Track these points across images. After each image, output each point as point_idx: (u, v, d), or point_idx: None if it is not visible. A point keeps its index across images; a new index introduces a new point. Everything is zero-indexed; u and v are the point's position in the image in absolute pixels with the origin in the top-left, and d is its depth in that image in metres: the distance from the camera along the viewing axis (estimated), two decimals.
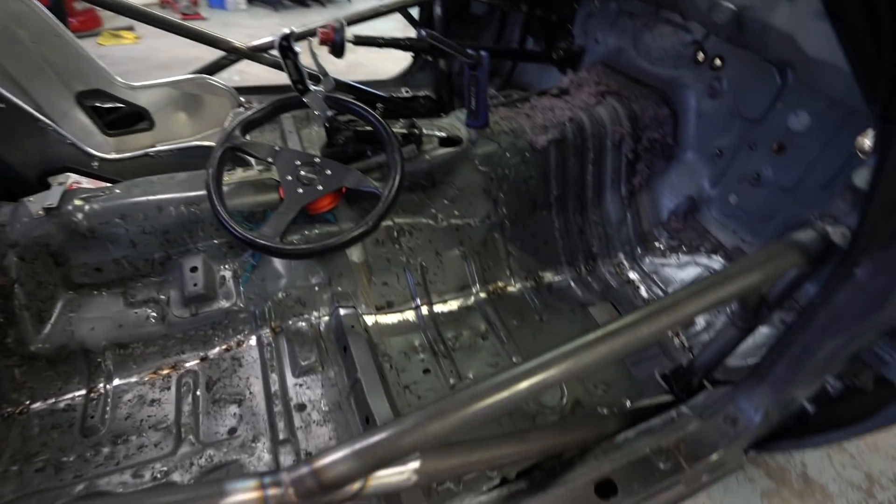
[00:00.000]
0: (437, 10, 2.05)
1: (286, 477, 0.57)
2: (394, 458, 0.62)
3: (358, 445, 0.60)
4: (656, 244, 1.63)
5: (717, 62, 1.42)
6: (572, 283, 1.60)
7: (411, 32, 2.13)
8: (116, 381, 1.16)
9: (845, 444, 1.62)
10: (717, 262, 1.48)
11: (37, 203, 1.11)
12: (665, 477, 0.96)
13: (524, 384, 0.65)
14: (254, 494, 0.55)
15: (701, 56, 1.45)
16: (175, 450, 1.06)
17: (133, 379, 1.18)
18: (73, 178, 1.26)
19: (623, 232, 1.66)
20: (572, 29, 1.89)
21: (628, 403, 1.28)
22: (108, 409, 1.11)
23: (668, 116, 1.53)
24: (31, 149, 1.33)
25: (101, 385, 1.15)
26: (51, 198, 1.12)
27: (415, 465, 0.67)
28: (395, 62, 2.53)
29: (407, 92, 2.30)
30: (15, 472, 0.97)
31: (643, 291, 1.58)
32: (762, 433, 1.05)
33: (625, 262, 1.66)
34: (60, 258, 1.15)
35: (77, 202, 1.14)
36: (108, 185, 1.25)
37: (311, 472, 0.58)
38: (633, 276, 1.63)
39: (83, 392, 1.13)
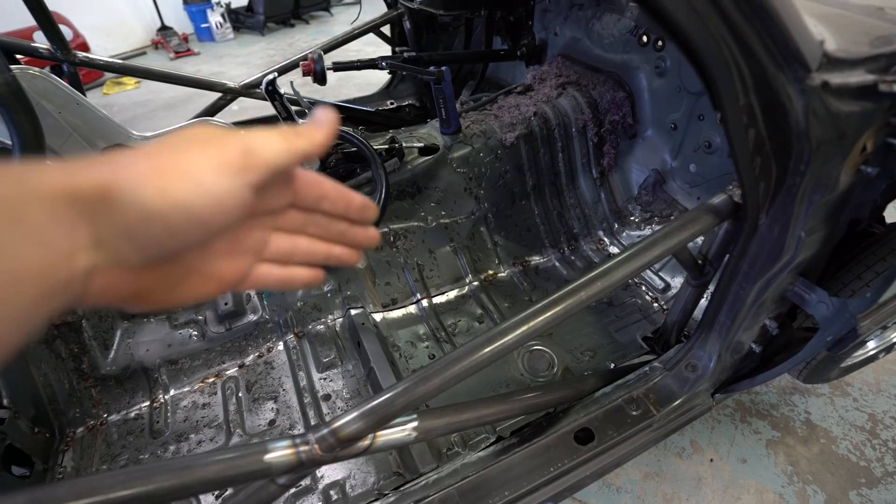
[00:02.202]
0: (407, 24, 2.21)
1: (312, 437, 0.76)
2: (392, 416, 0.79)
3: (364, 408, 0.78)
4: (631, 218, 1.78)
5: (660, 43, 1.55)
6: (557, 264, 1.76)
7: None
8: (172, 392, 1.38)
9: (847, 388, 1.70)
10: None
11: None
12: (637, 422, 1.10)
13: (488, 349, 0.82)
14: (289, 451, 0.74)
15: (645, 39, 1.59)
16: (227, 442, 1.27)
17: (186, 388, 1.39)
18: None
19: (599, 211, 1.81)
20: (532, 25, 2.04)
21: (612, 366, 1.43)
22: (169, 414, 1.33)
23: (625, 98, 1.67)
24: None
25: (161, 396, 1.37)
26: None
27: (413, 423, 0.86)
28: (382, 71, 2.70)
29: (392, 103, 2.47)
30: (105, 469, 1.19)
31: None
32: (722, 376, 1.19)
33: (604, 238, 1.81)
34: None
35: None
36: None
37: (331, 431, 0.76)
38: (613, 249, 1.78)
39: (147, 403, 1.35)
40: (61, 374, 1.29)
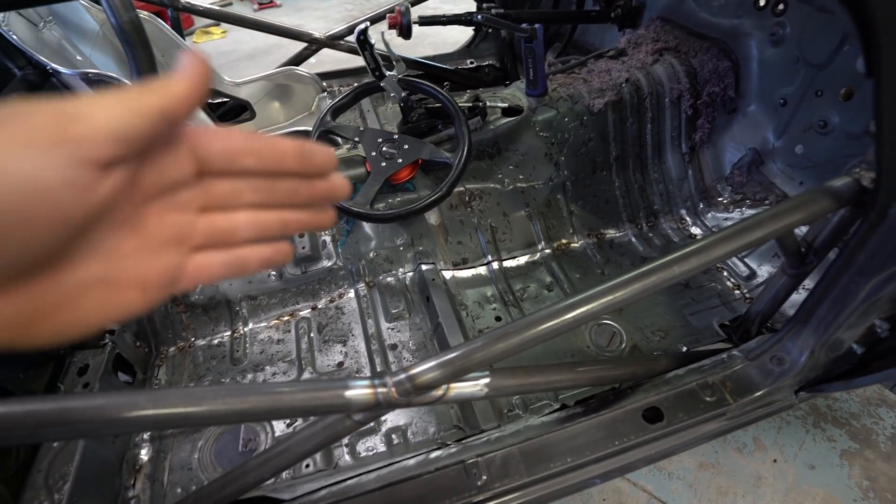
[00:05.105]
0: None
1: (390, 380, 0.79)
2: (467, 369, 0.80)
3: (442, 359, 0.79)
4: (719, 199, 1.66)
5: (780, 6, 1.39)
6: (633, 239, 1.69)
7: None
8: (251, 325, 1.48)
9: None
10: None
11: None
12: (711, 408, 1.05)
13: (569, 314, 0.81)
14: (368, 390, 0.77)
15: (762, 2, 1.44)
16: (299, 376, 1.35)
17: (263, 324, 1.49)
18: None
19: (685, 188, 1.70)
20: None
21: (684, 349, 1.37)
22: (247, 345, 1.43)
23: (729, 69, 1.54)
24: None
25: (241, 328, 1.47)
26: None
27: (485, 379, 0.86)
28: (458, 30, 2.62)
29: (472, 63, 2.41)
30: (193, 387, 1.31)
31: None
32: (811, 374, 1.11)
33: (687, 218, 1.71)
34: None
35: None
36: None
37: (408, 377, 0.78)
38: (695, 230, 1.68)
39: (229, 333, 1.46)
40: None
